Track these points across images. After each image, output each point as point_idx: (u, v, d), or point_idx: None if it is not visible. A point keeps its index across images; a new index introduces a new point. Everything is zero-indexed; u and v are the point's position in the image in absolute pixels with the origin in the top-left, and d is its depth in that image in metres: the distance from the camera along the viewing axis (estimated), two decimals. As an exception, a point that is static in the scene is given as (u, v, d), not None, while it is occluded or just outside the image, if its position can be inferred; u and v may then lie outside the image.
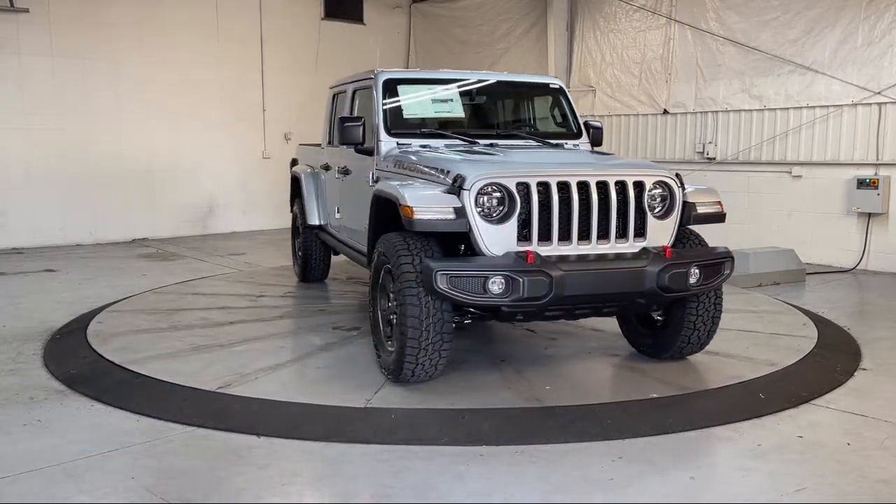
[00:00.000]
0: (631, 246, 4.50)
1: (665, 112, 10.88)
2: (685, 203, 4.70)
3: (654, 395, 4.53)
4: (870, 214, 8.87)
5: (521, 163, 4.65)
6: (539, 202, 4.31)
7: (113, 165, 11.16)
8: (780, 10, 9.50)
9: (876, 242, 8.93)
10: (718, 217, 4.89)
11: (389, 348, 4.64)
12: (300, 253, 7.86)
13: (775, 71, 9.58)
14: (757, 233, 9.53)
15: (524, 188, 4.30)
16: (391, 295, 4.60)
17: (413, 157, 5.06)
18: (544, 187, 4.33)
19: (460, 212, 4.22)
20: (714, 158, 10.19)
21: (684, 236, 4.87)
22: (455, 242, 4.46)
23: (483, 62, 12.77)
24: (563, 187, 4.35)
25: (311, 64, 12.73)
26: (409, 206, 4.23)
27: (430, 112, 6.02)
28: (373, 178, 5.43)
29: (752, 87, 9.84)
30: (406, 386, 4.56)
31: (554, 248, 4.35)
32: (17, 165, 10.41)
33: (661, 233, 4.60)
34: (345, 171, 6.32)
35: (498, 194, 4.29)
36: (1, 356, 5.35)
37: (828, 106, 9.19)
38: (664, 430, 4.03)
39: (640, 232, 4.54)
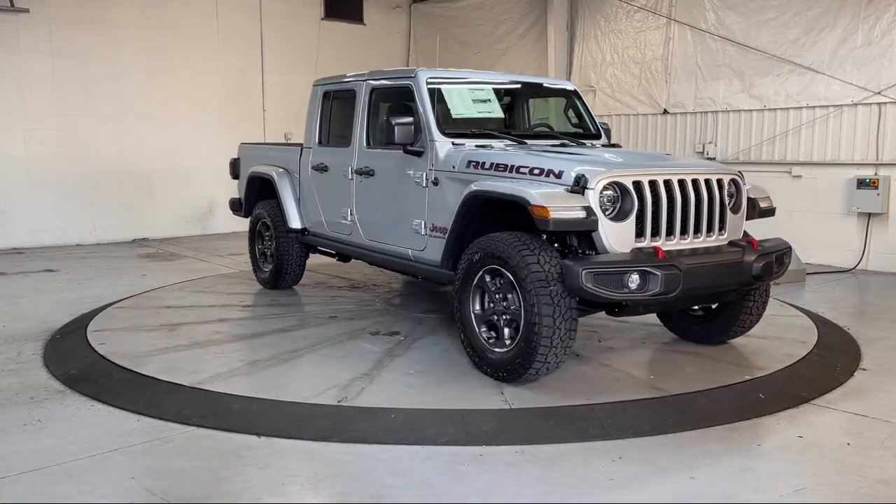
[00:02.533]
0: (717, 239, 4.80)
1: (665, 112, 10.88)
2: (749, 199, 5.09)
3: (748, 378, 4.84)
4: (870, 214, 8.87)
5: (623, 163, 4.85)
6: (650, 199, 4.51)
7: (113, 165, 11.16)
8: (779, 9, 9.50)
9: (876, 242, 8.93)
10: (772, 211, 5.32)
11: (497, 349, 4.65)
12: (270, 259, 7.44)
13: (775, 71, 9.58)
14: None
15: (637, 186, 4.46)
16: (497, 296, 4.63)
17: (495, 158, 4.96)
18: (653, 185, 4.51)
19: (590, 211, 4.30)
20: (714, 158, 10.17)
21: None
22: (556, 241, 4.60)
23: (483, 62, 12.76)
24: (667, 185, 4.57)
25: (311, 64, 12.71)
26: (543, 206, 4.25)
27: (473, 112, 5.89)
28: (428, 179, 5.34)
29: (752, 87, 9.84)
30: (521, 385, 4.57)
31: (662, 244, 4.52)
32: (18, 165, 10.40)
33: (735, 227, 4.94)
34: (366, 173, 6.07)
35: (611, 192, 4.41)
36: (1, 356, 5.35)
37: (828, 106, 9.20)
38: (664, 430, 4.03)
39: (723, 226, 4.83)
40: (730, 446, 3.90)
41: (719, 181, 4.83)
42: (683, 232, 4.64)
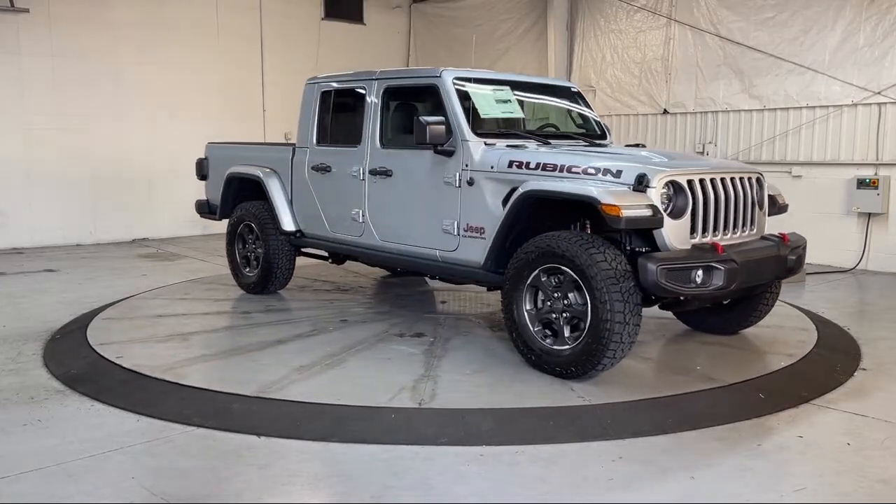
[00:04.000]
0: (749, 235, 5.01)
1: (665, 112, 10.88)
2: (770, 196, 5.35)
3: (784, 365, 5.11)
4: (870, 214, 8.88)
5: (670, 162, 4.95)
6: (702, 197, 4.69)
7: (113, 165, 11.16)
8: (777, 8, 9.51)
9: (876, 242, 8.94)
10: (786, 208, 5.59)
11: (557, 347, 4.69)
12: (254, 263, 7.16)
13: (774, 71, 9.58)
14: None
15: (690, 184, 4.63)
16: (555, 294, 4.67)
17: (541, 158, 4.94)
18: (702, 183, 4.70)
19: (655, 209, 4.42)
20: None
21: None
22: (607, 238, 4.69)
23: (483, 62, 12.76)
24: (712, 183, 4.76)
25: (311, 64, 12.70)
26: (615, 205, 4.31)
27: (497, 112, 5.85)
28: (462, 179, 5.30)
29: (752, 87, 9.84)
30: (585, 381, 4.61)
31: (709, 239, 4.70)
32: (17, 165, 10.40)
33: (761, 223, 5.19)
34: (383, 173, 5.97)
35: (666, 191, 4.52)
36: (1, 356, 5.35)
37: (828, 106, 9.21)
38: (664, 430, 4.03)
39: (753, 222, 5.07)
40: (730, 446, 3.90)
41: (749, 179, 5.06)
42: (724, 228, 4.82)
